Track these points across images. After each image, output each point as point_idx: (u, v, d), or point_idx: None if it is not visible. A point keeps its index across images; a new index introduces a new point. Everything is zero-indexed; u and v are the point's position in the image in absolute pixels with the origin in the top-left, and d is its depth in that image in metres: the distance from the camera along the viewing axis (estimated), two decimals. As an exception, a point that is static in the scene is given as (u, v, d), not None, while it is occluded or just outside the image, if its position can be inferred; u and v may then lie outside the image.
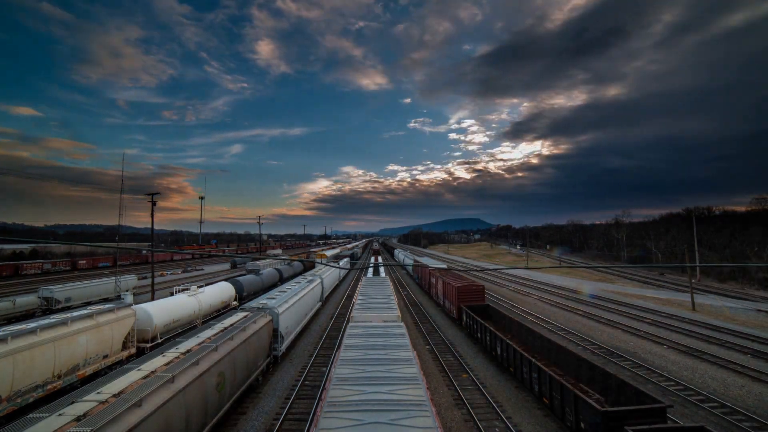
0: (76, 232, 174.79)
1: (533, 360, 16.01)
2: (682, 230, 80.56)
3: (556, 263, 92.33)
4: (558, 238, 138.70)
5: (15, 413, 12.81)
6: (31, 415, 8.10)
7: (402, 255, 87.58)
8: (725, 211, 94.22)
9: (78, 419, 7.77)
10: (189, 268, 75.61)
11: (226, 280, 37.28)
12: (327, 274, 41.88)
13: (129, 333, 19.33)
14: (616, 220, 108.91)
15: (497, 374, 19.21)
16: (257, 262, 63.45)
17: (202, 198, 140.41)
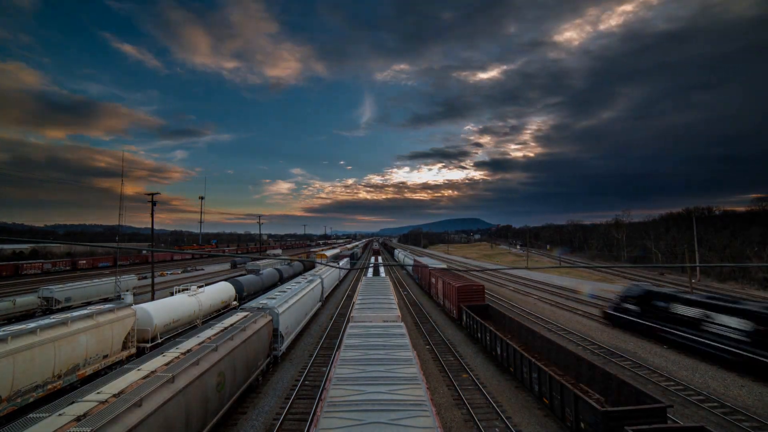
0: (76, 232, 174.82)
1: (533, 360, 16.01)
2: (682, 230, 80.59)
3: (556, 263, 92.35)
4: (558, 238, 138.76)
5: (15, 413, 12.81)
6: (31, 415, 8.10)
7: (402, 255, 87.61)
8: (725, 212, 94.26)
9: (78, 419, 7.77)
10: (189, 268, 75.60)
11: (226, 280, 37.28)
12: (327, 274, 41.89)
13: (129, 333, 19.33)
14: (616, 220, 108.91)
15: (497, 374, 19.21)
16: (257, 262, 63.46)
17: (202, 198, 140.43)
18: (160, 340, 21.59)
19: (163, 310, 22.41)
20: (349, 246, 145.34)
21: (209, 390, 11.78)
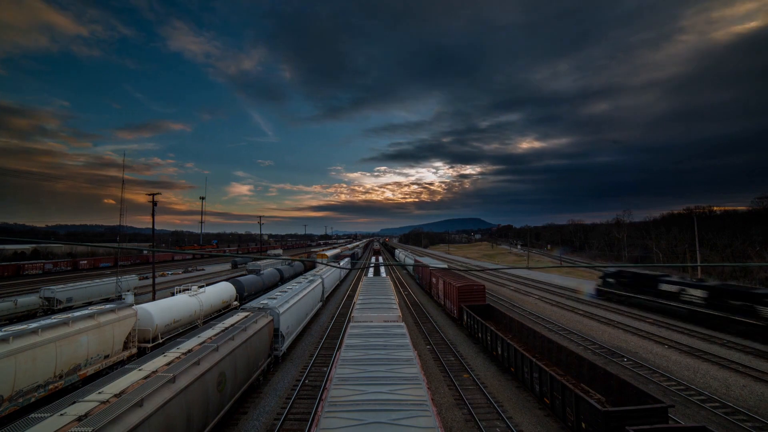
0: (77, 232, 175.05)
1: (534, 360, 16.00)
2: (683, 230, 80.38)
3: (556, 263, 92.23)
4: (559, 238, 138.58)
5: (17, 413, 12.84)
6: (32, 414, 8.12)
7: (403, 255, 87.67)
8: (726, 211, 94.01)
9: (79, 419, 7.79)
10: (190, 269, 75.70)
11: (226, 280, 37.32)
12: (328, 274, 41.89)
13: (130, 333, 19.36)
14: (617, 219, 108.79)
15: (498, 374, 19.20)
16: (258, 263, 63.50)
17: (203, 198, 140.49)
18: (161, 340, 21.61)
19: (164, 310, 22.44)
20: (349, 246, 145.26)
21: (210, 390, 11.80)
